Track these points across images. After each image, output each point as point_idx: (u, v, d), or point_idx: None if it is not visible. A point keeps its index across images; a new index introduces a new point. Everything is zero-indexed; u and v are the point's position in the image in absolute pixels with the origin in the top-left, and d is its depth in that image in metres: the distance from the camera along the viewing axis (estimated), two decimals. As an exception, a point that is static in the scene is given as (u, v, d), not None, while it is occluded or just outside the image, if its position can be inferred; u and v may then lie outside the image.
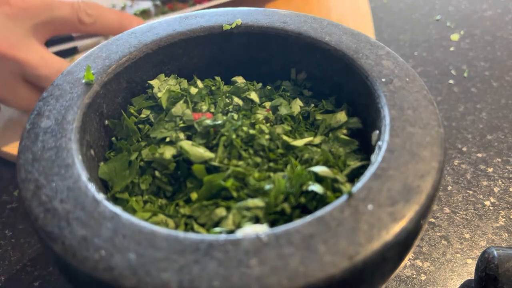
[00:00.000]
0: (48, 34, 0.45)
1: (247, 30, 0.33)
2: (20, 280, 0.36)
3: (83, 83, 0.29)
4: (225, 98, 0.33)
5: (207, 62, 0.35)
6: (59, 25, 0.45)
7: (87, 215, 0.22)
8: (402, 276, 0.35)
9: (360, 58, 0.30)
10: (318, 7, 0.62)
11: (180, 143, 0.28)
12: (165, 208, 0.27)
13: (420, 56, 0.57)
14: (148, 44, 0.32)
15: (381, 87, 0.28)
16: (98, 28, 0.47)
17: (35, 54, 0.42)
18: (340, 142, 0.29)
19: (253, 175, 0.26)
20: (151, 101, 0.32)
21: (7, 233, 0.39)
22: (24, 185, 0.23)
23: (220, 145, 0.28)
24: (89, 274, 0.20)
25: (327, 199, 0.25)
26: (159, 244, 0.20)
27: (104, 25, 0.48)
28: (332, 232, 0.21)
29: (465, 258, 0.36)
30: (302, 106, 0.33)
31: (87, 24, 0.46)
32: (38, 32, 0.43)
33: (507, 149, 0.45)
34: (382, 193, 0.22)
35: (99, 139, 0.30)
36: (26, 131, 0.26)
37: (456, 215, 0.39)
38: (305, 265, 0.19)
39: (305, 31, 0.32)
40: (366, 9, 0.61)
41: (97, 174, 0.28)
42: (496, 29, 0.61)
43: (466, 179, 0.42)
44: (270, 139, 0.29)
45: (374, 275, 0.21)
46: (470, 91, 0.52)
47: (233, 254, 0.20)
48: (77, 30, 0.47)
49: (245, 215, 0.24)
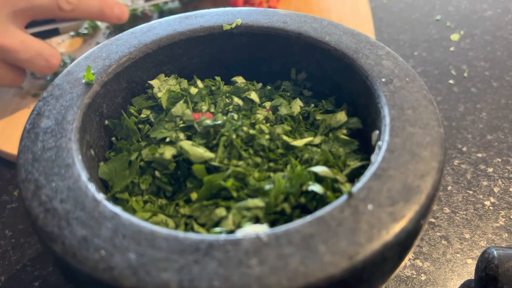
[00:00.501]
0: (27, 19, 0.46)
1: (247, 30, 0.33)
2: (20, 280, 0.36)
3: (83, 83, 0.29)
4: (225, 98, 0.33)
5: (207, 62, 0.35)
6: (39, 12, 0.45)
7: (87, 215, 0.22)
8: (402, 276, 0.35)
9: (360, 58, 0.30)
10: (318, 7, 0.62)
11: (180, 143, 0.28)
12: (165, 208, 0.27)
13: (420, 56, 0.57)
14: (148, 44, 0.32)
15: (381, 87, 0.28)
16: (78, 13, 0.47)
17: (14, 39, 0.43)
18: (340, 142, 0.29)
19: (253, 175, 0.26)
20: (151, 101, 0.32)
21: (7, 233, 0.39)
22: (24, 185, 0.23)
23: (220, 145, 0.28)
24: (89, 274, 0.20)
25: (327, 199, 0.25)
26: (159, 244, 0.20)
27: (84, 10, 0.48)
28: (332, 232, 0.21)
29: (465, 258, 0.36)
30: (302, 106, 0.33)
31: (66, 11, 0.46)
32: (17, 18, 0.44)
33: (507, 149, 0.45)
34: (382, 193, 0.22)
35: (99, 139, 0.30)
36: (26, 131, 0.26)
37: (456, 215, 0.39)
38: (305, 265, 0.19)
39: (305, 31, 0.32)
40: (366, 9, 0.61)
41: (97, 174, 0.28)
42: (496, 29, 0.61)
43: (466, 179, 0.42)
44: (270, 139, 0.29)
45: (374, 275, 0.21)
46: (470, 91, 0.52)
47: (233, 254, 0.20)
48: (57, 16, 0.47)
49: (245, 215, 0.24)
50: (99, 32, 0.60)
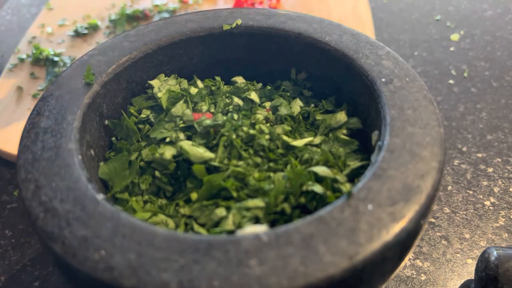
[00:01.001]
0: None
1: (247, 30, 0.33)
2: (20, 280, 0.36)
3: (83, 83, 0.29)
4: (225, 98, 0.33)
5: (207, 62, 0.35)
6: None
7: (87, 215, 0.22)
8: (402, 276, 0.35)
9: (360, 58, 0.30)
10: (318, 7, 0.62)
11: (180, 143, 0.28)
12: (165, 208, 0.27)
13: (420, 56, 0.57)
14: (148, 44, 0.32)
15: (381, 87, 0.28)
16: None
17: None
18: (340, 142, 0.29)
19: (253, 175, 0.26)
20: (151, 101, 0.32)
21: (7, 233, 0.39)
22: (24, 185, 0.23)
23: (220, 145, 0.28)
24: (89, 274, 0.20)
25: (327, 199, 0.25)
26: (159, 244, 0.20)
27: None
28: (332, 232, 0.21)
29: (465, 258, 0.36)
30: (302, 106, 0.33)
31: None
32: None
33: (507, 149, 0.45)
34: (382, 193, 0.22)
35: (99, 139, 0.30)
36: (26, 131, 0.26)
37: (456, 215, 0.39)
38: (305, 265, 0.19)
39: (305, 31, 0.32)
40: (366, 9, 0.61)
41: (97, 174, 0.28)
42: (496, 29, 0.61)
43: (466, 179, 0.42)
44: (270, 139, 0.29)
45: (374, 275, 0.21)
46: (470, 91, 0.52)
47: (233, 254, 0.20)
48: None
49: (245, 215, 0.24)
50: (99, 32, 0.60)
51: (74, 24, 0.61)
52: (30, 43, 0.58)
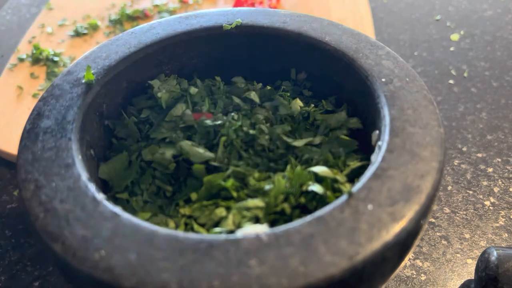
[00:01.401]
0: None
1: (247, 30, 0.33)
2: (20, 280, 0.36)
3: (83, 83, 0.29)
4: (225, 98, 0.32)
5: (207, 62, 0.35)
6: None
7: (87, 215, 0.22)
8: (402, 276, 0.35)
9: (360, 58, 0.30)
10: (318, 7, 0.62)
11: (180, 143, 0.28)
12: (165, 208, 0.27)
13: (420, 56, 0.57)
14: (148, 44, 0.32)
15: (381, 87, 0.28)
16: None
17: None
18: (340, 142, 0.29)
19: (253, 175, 0.26)
20: (151, 101, 0.32)
21: (7, 233, 0.39)
22: (24, 185, 0.23)
23: (220, 145, 0.28)
24: (89, 274, 0.20)
25: (327, 199, 0.25)
26: (159, 244, 0.20)
27: None
28: (332, 232, 0.21)
29: (465, 258, 0.36)
30: (302, 106, 0.33)
31: None
32: None
33: (507, 149, 0.45)
34: (382, 193, 0.22)
35: (99, 139, 0.30)
36: (26, 131, 0.26)
37: (456, 215, 0.39)
38: (305, 265, 0.19)
39: (305, 31, 0.32)
40: (366, 9, 0.61)
41: (97, 174, 0.28)
42: (496, 29, 0.61)
43: (466, 179, 0.42)
44: (270, 139, 0.29)
45: (374, 275, 0.21)
46: (470, 91, 0.52)
47: (233, 254, 0.20)
48: None
49: (245, 215, 0.24)
50: (99, 32, 0.60)
51: (74, 24, 0.61)
52: (30, 43, 0.58)
